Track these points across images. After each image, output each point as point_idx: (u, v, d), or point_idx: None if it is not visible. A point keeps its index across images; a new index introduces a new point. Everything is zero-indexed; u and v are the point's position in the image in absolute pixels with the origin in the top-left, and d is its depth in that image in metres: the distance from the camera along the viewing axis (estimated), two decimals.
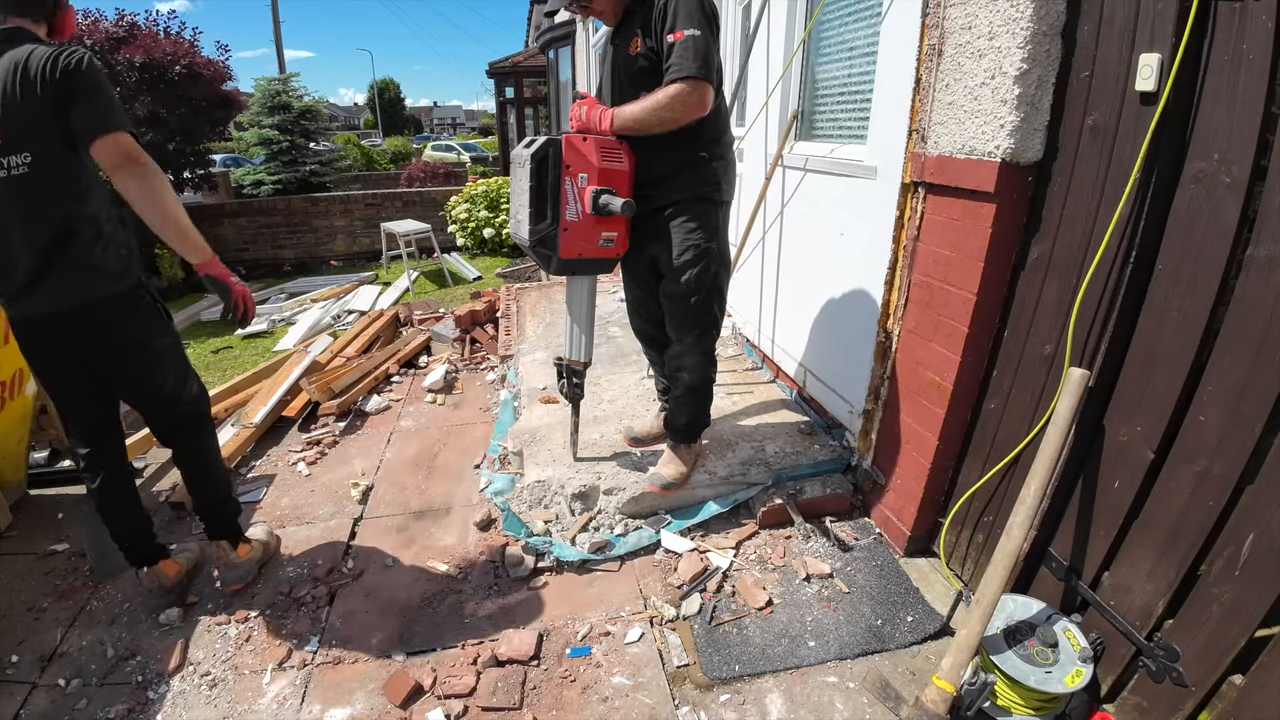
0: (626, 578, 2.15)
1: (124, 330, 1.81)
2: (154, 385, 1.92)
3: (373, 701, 1.73)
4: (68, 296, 1.70)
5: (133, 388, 1.93)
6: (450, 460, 2.96)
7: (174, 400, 1.96)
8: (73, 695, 1.77)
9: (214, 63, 7.97)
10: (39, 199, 1.63)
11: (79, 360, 1.82)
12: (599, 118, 1.98)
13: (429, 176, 12.69)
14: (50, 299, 1.69)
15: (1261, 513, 1.23)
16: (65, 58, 1.55)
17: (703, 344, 2.17)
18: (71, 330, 1.74)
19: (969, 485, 1.94)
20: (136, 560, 2.05)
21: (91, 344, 1.79)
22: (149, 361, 1.88)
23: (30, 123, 1.57)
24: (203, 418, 2.07)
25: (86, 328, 1.75)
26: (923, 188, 1.94)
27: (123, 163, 1.59)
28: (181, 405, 1.98)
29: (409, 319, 5.08)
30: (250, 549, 2.18)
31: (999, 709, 1.55)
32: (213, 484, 2.10)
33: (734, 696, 1.72)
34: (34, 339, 1.80)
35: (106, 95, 1.60)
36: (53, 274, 1.67)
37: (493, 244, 8.34)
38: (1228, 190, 1.26)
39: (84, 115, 1.57)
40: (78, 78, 1.56)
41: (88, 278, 1.71)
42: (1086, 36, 1.51)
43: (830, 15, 2.67)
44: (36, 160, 1.59)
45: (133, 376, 1.89)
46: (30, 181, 1.60)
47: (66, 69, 1.55)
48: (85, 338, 1.77)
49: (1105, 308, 1.52)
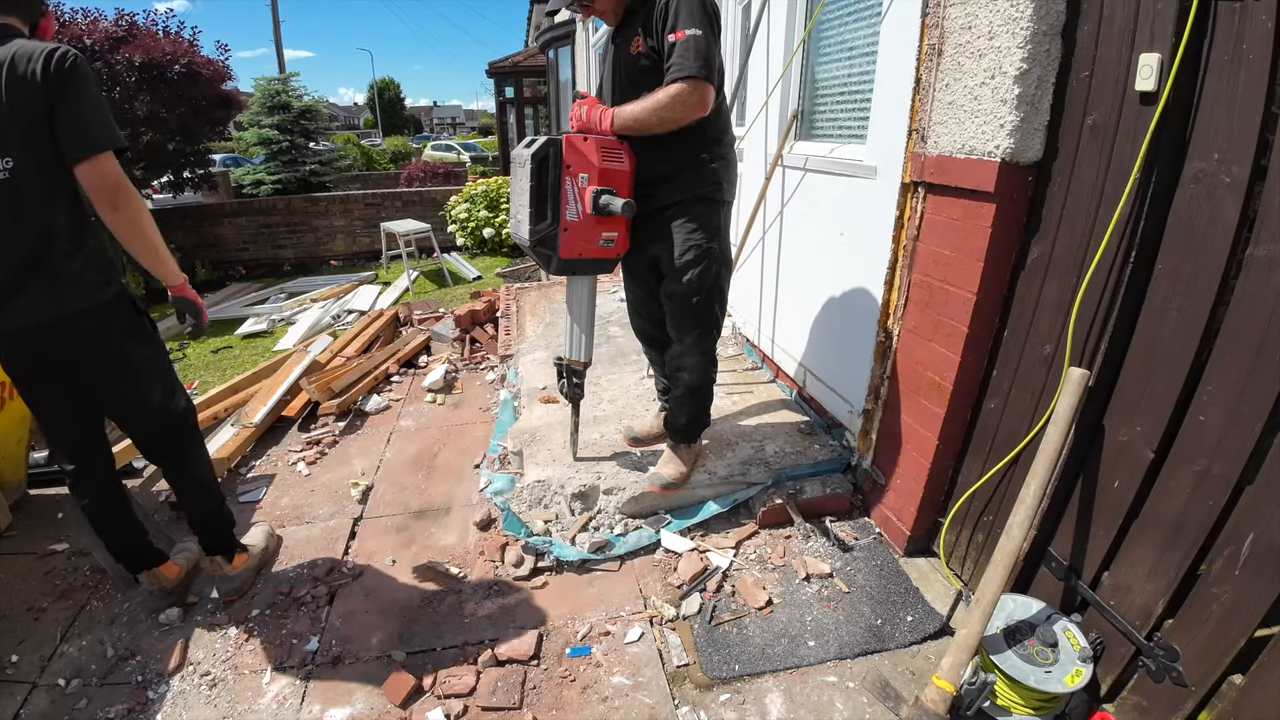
0: (626, 577, 2.15)
1: (108, 343, 1.73)
2: (140, 399, 1.85)
3: (373, 701, 1.73)
4: (47, 309, 1.62)
5: (118, 403, 1.86)
6: (450, 460, 2.96)
7: (161, 414, 1.89)
8: (73, 695, 1.77)
9: (213, 62, 7.96)
10: (18, 206, 1.54)
11: (61, 375, 1.75)
12: (599, 117, 1.98)
13: (429, 176, 12.68)
14: (28, 312, 1.61)
15: (1261, 512, 1.23)
16: (57, 58, 1.48)
17: (703, 344, 2.17)
18: (52, 344, 1.67)
19: (969, 485, 1.94)
20: (135, 568, 2.03)
21: (74, 358, 1.71)
22: (134, 375, 1.81)
23: (14, 125, 1.48)
24: (191, 431, 2.01)
25: (68, 341, 1.68)
26: (923, 187, 1.94)
27: (105, 191, 1.53)
28: (169, 419, 1.92)
29: (409, 319, 5.08)
30: (246, 558, 2.16)
31: (999, 709, 1.55)
32: (203, 497, 2.06)
33: (734, 696, 1.72)
34: (12, 354, 1.71)
35: (93, 106, 1.52)
36: (30, 286, 1.59)
37: (492, 244, 8.34)
38: (1227, 190, 1.26)
39: (69, 130, 1.49)
40: (68, 81, 1.48)
41: (67, 289, 1.62)
42: (1086, 36, 1.51)
43: (830, 15, 2.67)
44: (18, 165, 1.51)
45: (118, 391, 1.82)
46: (10, 187, 1.52)
47: (59, 69, 1.47)
48: (67, 352, 1.70)
49: (1105, 307, 1.52)
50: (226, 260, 8.51)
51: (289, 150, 10.82)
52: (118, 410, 1.90)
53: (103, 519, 1.95)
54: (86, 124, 1.51)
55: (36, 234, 1.58)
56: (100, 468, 1.93)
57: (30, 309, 1.61)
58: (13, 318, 1.62)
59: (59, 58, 1.49)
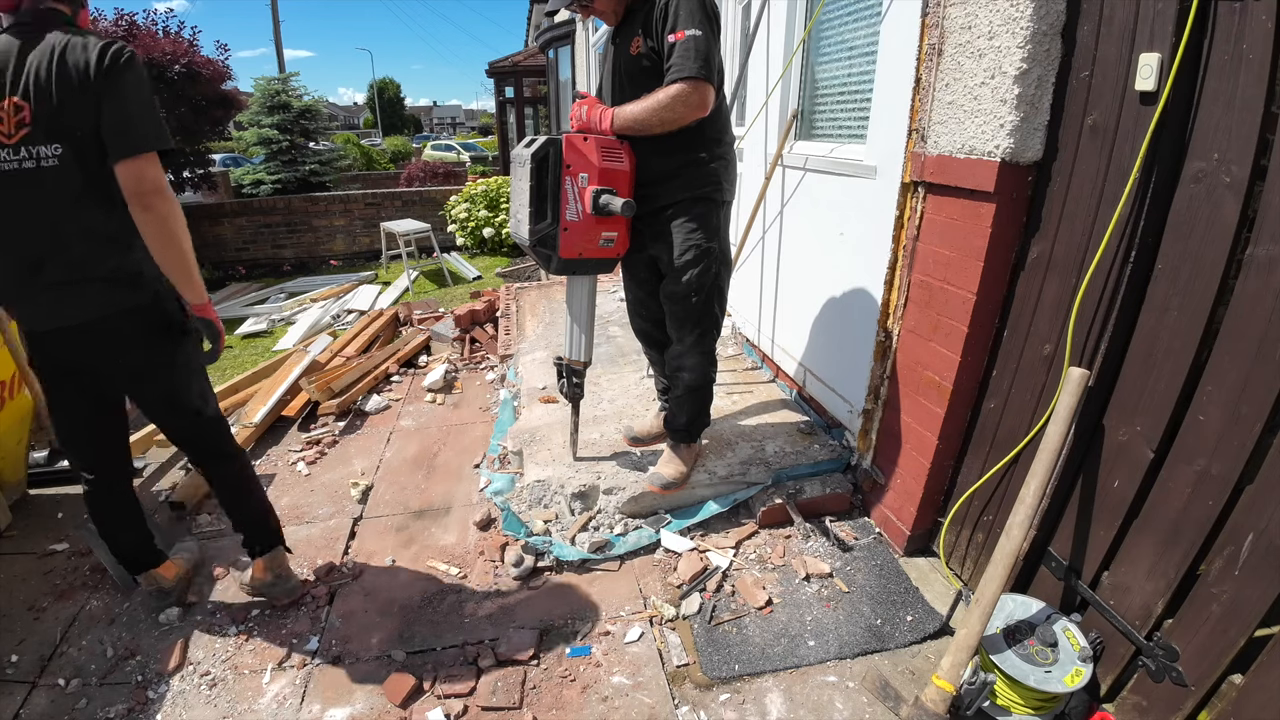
0: (626, 577, 2.15)
1: (147, 346, 1.67)
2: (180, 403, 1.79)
3: (372, 701, 1.73)
4: (87, 309, 1.57)
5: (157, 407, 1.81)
6: (450, 460, 2.96)
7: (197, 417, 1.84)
8: (73, 695, 1.77)
9: (213, 62, 7.96)
10: (62, 197, 1.50)
11: (96, 380, 1.71)
12: (599, 117, 1.98)
13: (428, 176, 12.67)
14: (64, 313, 1.56)
15: (1261, 512, 1.23)
16: (112, 52, 1.45)
17: (703, 344, 2.17)
18: (88, 347, 1.62)
19: (968, 485, 1.94)
20: (136, 569, 2.03)
21: (110, 362, 1.66)
22: (174, 378, 1.75)
23: (65, 114, 1.45)
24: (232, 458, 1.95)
25: (105, 344, 1.63)
26: (922, 187, 1.94)
27: (141, 194, 1.48)
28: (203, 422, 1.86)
29: (409, 318, 5.08)
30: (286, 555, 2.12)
31: (998, 708, 1.55)
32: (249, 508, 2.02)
33: (734, 696, 1.72)
34: (48, 353, 1.66)
35: (142, 104, 1.48)
36: (70, 286, 1.54)
37: (492, 243, 8.34)
38: (1227, 190, 1.26)
39: (113, 126, 1.46)
40: (120, 77, 1.45)
41: (107, 290, 1.57)
42: (1086, 36, 1.51)
43: (830, 15, 2.67)
44: (66, 155, 1.48)
45: (156, 396, 1.77)
46: (57, 175, 1.48)
47: (114, 63, 1.45)
48: (104, 355, 1.65)
49: (1105, 307, 1.52)
50: (226, 260, 8.50)
51: (289, 150, 10.81)
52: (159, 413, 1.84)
53: (113, 520, 1.94)
54: (132, 121, 1.48)
55: (79, 229, 1.53)
56: (122, 472, 1.91)
57: (68, 310, 1.56)
58: (50, 317, 1.57)
59: (114, 52, 1.47)
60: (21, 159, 1.46)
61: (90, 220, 1.54)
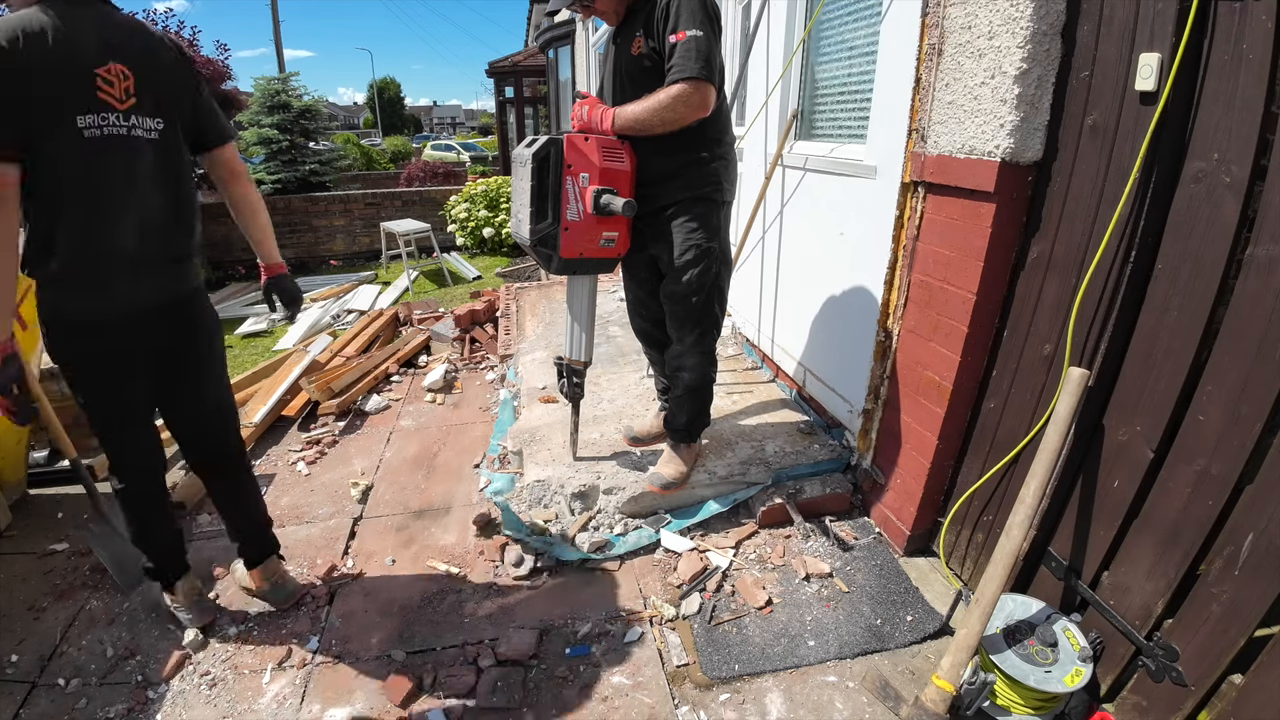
0: (626, 577, 2.15)
1: (208, 329, 1.71)
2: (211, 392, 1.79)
3: (373, 701, 1.73)
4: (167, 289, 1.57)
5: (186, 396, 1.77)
6: (450, 459, 2.97)
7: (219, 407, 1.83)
8: (73, 695, 1.77)
9: (213, 62, 7.96)
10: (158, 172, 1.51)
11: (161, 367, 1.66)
12: (600, 117, 1.98)
13: (428, 176, 12.67)
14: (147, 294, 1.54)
15: (1261, 512, 1.23)
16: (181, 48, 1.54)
17: (703, 344, 2.17)
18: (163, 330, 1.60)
19: (968, 484, 1.94)
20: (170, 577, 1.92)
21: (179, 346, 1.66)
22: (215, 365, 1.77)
23: (163, 91, 1.49)
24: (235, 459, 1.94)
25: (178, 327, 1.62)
26: (922, 187, 1.94)
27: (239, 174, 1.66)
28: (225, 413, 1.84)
29: (408, 318, 5.07)
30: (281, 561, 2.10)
31: (998, 708, 1.55)
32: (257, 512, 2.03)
33: (733, 696, 1.72)
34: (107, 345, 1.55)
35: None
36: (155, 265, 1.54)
37: (492, 243, 8.34)
38: (1227, 190, 1.26)
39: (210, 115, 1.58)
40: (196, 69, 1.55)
41: (186, 269, 1.61)
42: (1086, 36, 1.51)
43: (830, 15, 2.67)
44: (168, 129, 1.50)
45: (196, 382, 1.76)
46: (160, 148, 1.50)
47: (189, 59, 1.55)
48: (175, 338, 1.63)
49: (1105, 307, 1.52)
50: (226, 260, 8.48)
51: (289, 150, 10.79)
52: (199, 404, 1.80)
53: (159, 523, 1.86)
54: (218, 112, 1.61)
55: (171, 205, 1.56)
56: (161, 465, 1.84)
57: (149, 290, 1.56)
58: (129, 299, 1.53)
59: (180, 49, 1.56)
60: (131, 125, 1.47)
61: (179, 197, 1.59)
